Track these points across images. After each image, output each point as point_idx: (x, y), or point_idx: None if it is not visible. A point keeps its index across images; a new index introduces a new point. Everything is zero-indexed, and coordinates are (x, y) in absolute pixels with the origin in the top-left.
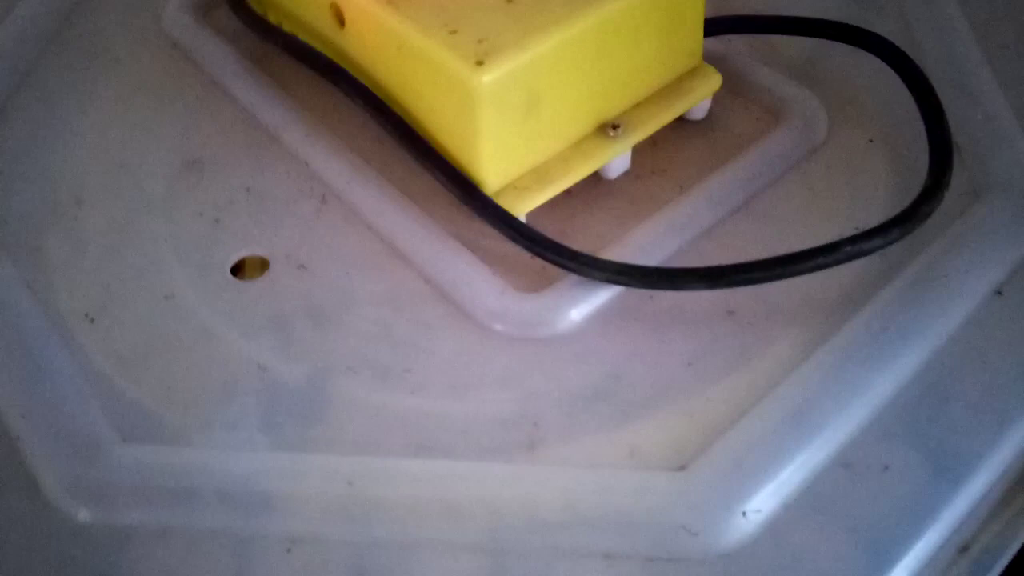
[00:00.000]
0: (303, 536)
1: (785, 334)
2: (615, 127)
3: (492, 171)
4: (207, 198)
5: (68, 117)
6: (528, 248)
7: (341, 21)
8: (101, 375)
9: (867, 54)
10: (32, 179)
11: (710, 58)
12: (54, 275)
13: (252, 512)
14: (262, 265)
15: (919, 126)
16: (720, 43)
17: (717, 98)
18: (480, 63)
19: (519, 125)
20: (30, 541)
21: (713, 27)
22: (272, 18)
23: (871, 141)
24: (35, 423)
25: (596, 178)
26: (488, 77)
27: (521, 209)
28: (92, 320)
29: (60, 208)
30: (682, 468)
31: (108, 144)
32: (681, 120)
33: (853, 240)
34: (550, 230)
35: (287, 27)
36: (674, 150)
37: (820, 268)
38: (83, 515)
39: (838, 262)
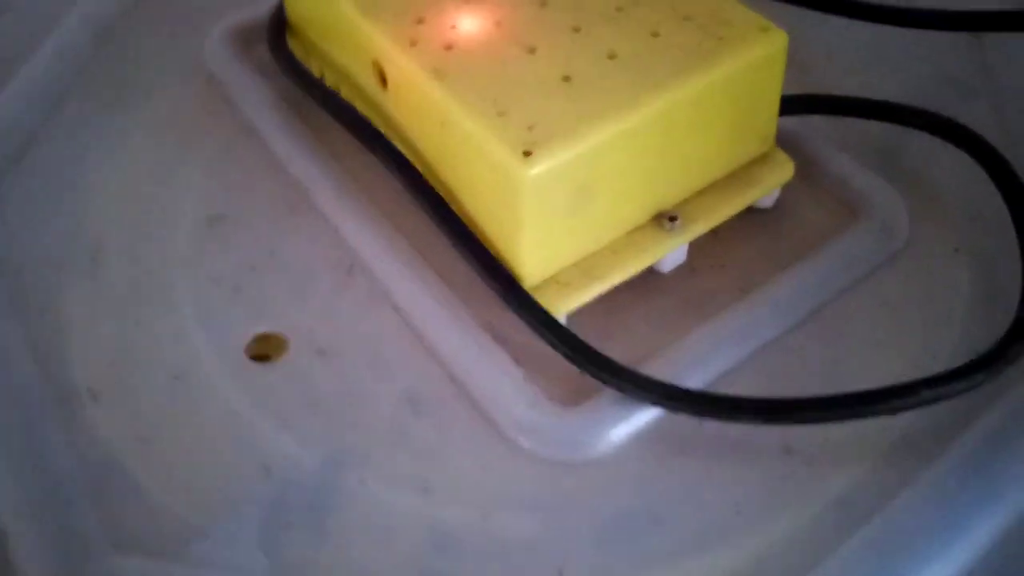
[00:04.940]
0: None
1: (850, 480)
2: (672, 219)
3: (532, 265)
4: (229, 260)
5: (94, 156)
6: (567, 356)
7: (384, 81)
8: (98, 465)
9: None
10: (52, 225)
11: (782, 137)
12: (62, 341)
13: None
14: (279, 345)
15: (1012, 237)
16: (795, 121)
17: (788, 184)
18: (528, 153)
19: (566, 217)
20: None
21: (788, 106)
22: (314, 66)
23: (956, 250)
24: (26, 519)
25: (648, 270)
26: (536, 170)
27: (562, 308)
28: (95, 397)
29: (76, 262)
30: None
31: (132, 190)
32: (746, 207)
33: (932, 383)
34: (591, 327)
35: (329, 77)
36: (736, 242)
37: (893, 412)
38: None
39: (914, 406)
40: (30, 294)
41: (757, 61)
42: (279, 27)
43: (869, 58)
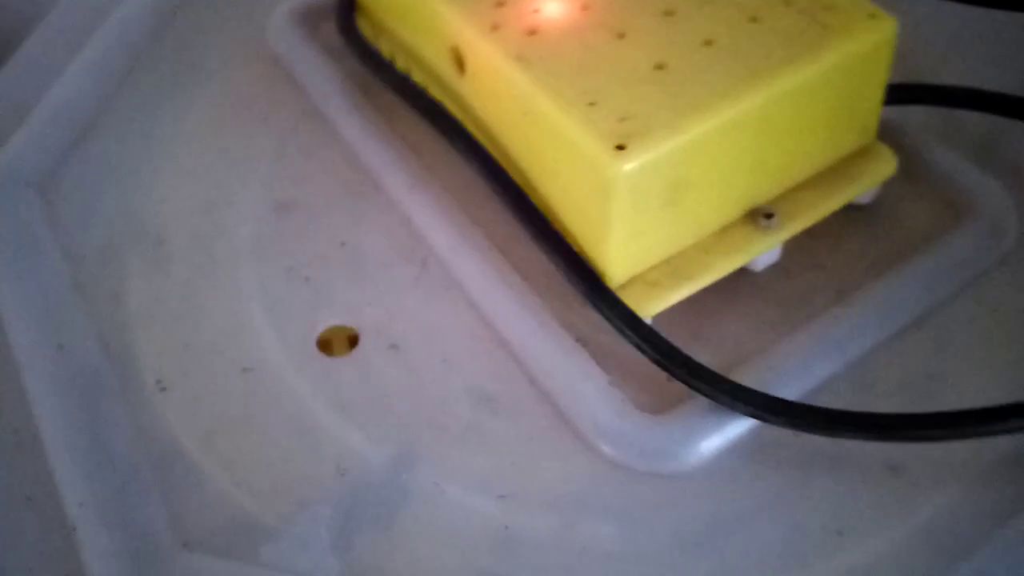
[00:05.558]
0: None
1: (960, 502)
2: (768, 216)
3: (619, 263)
4: (298, 250)
5: (158, 137)
6: (656, 362)
7: (461, 67)
8: (167, 458)
9: None
10: (115, 210)
11: (882, 129)
12: (130, 330)
13: None
14: (350, 340)
15: None
16: (895, 112)
17: (888, 179)
18: (621, 147)
19: (657, 214)
20: None
21: (891, 96)
22: (384, 47)
23: None
24: (94, 514)
25: (739, 269)
26: (629, 166)
27: (649, 309)
28: (164, 389)
29: (142, 247)
30: None
31: (198, 173)
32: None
33: None
34: (678, 329)
35: (401, 60)
36: (833, 241)
37: (1011, 432)
38: None
39: None
40: (96, 282)
41: (864, 51)
42: (348, 6)
43: (970, 44)
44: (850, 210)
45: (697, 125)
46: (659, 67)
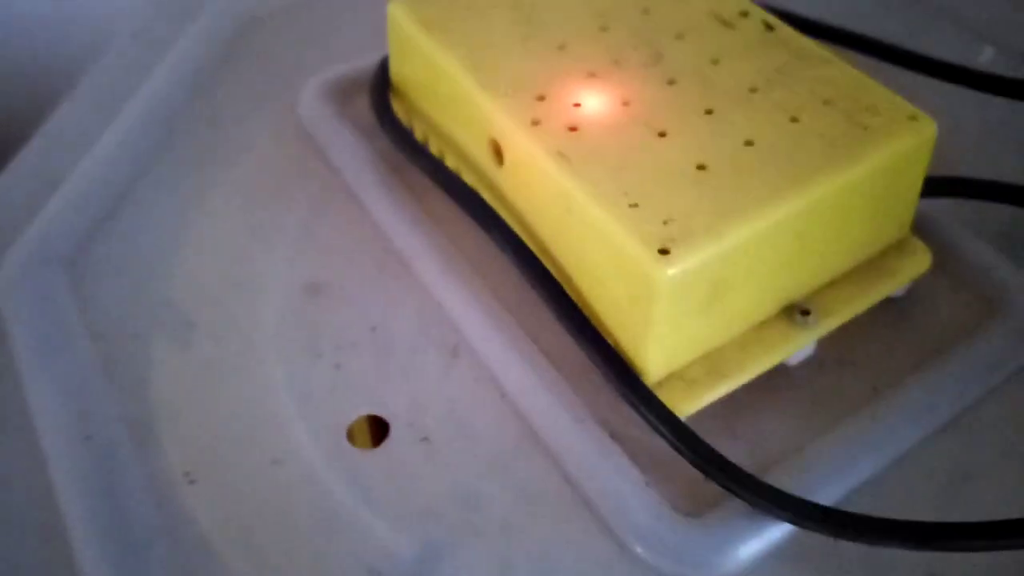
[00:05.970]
0: None
1: None
2: (804, 312)
3: (657, 361)
4: (328, 334)
5: (187, 213)
6: (696, 465)
7: (500, 158)
8: (197, 558)
9: None
10: (145, 287)
11: (915, 220)
12: (159, 419)
13: None
14: (381, 430)
15: None
16: (927, 202)
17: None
18: (665, 252)
19: (697, 314)
20: None
21: (926, 188)
22: (418, 128)
23: None
24: None
25: None
26: (673, 270)
27: (687, 408)
28: (192, 482)
29: (170, 330)
30: None
31: (227, 252)
32: None
33: None
34: (714, 425)
35: (435, 143)
36: (866, 335)
37: None
38: None
39: None
40: (123, 365)
41: (904, 153)
42: (383, 88)
43: (1003, 135)
44: (883, 303)
45: (739, 230)
46: (700, 168)
